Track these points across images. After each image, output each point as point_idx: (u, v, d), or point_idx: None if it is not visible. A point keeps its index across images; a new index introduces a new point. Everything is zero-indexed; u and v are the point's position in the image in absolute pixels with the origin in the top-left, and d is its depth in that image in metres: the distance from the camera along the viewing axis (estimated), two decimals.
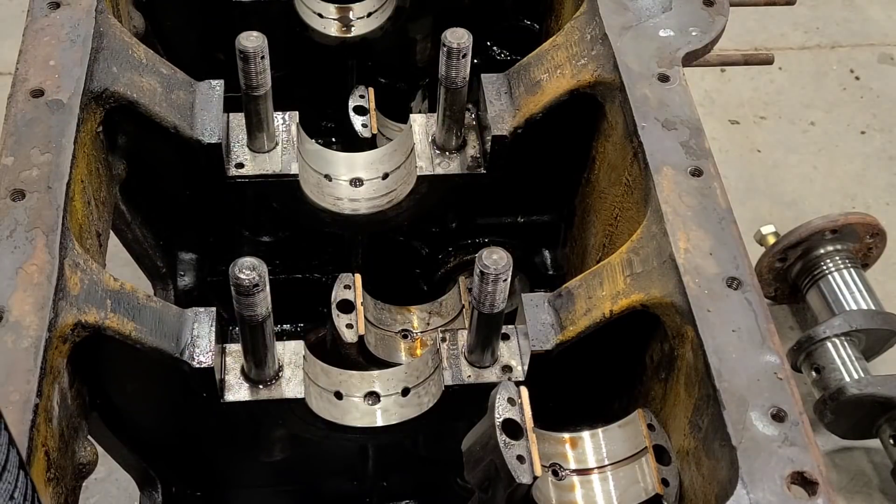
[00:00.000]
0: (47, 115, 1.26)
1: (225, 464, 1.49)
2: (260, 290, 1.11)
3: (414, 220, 1.50)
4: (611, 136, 1.41)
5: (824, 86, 3.30)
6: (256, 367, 1.23)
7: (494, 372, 1.28)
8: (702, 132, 1.30)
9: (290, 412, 1.26)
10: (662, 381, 1.24)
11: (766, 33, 3.41)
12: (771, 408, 1.05)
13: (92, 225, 1.32)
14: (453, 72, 1.37)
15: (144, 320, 1.17)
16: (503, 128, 1.43)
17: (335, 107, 1.79)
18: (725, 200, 1.23)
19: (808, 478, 1.00)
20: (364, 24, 1.73)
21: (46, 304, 1.08)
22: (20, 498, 0.84)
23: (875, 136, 3.17)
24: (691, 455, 1.14)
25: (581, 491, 1.18)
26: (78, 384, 1.18)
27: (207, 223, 1.56)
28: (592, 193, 1.52)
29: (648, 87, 1.34)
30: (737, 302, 1.13)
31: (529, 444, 1.07)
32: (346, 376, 1.33)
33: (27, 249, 1.12)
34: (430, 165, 1.47)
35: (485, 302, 1.18)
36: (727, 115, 3.20)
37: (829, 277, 2.49)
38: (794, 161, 3.09)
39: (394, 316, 1.53)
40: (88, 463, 1.19)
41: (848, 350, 2.35)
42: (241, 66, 1.34)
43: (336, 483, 1.57)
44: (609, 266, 1.25)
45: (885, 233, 2.51)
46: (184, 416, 1.31)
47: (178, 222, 1.58)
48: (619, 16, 1.43)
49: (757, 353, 1.09)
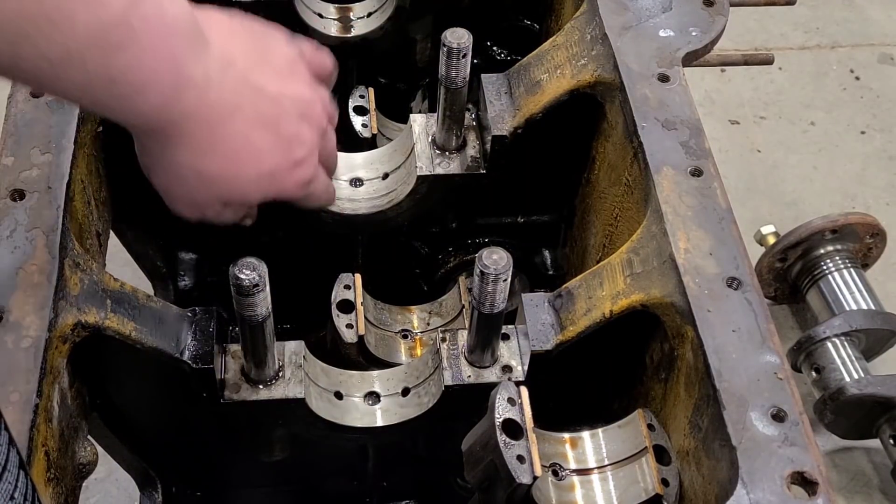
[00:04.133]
0: (47, 115, 1.26)
1: (225, 464, 1.49)
2: (260, 290, 1.11)
3: (414, 220, 1.50)
4: (611, 136, 1.41)
5: (824, 86, 3.30)
6: (256, 367, 1.23)
7: (494, 372, 1.28)
8: (702, 132, 1.30)
9: (290, 412, 1.26)
10: (662, 381, 1.24)
11: (766, 33, 3.41)
12: (771, 408, 1.05)
13: (92, 225, 1.32)
14: (453, 72, 1.37)
15: (144, 320, 1.17)
16: (503, 128, 1.43)
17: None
18: (725, 200, 1.23)
19: (808, 478, 1.00)
20: (364, 24, 1.73)
21: (46, 304, 1.08)
22: (20, 498, 0.84)
23: (875, 136, 3.17)
24: (691, 455, 1.14)
25: (581, 491, 1.18)
26: (78, 384, 1.18)
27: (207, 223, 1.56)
28: (592, 193, 1.52)
29: (648, 87, 1.34)
30: (737, 302, 1.13)
31: (529, 444, 1.07)
32: (346, 376, 1.33)
33: (27, 249, 1.13)
34: (430, 165, 1.47)
35: (485, 302, 1.18)
36: (727, 115, 3.20)
37: (829, 277, 2.49)
38: (794, 161, 3.09)
39: (394, 316, 1.53)
40: (88, 463, 1.19)
41: (848, 350, 2.35)
42: None
43: (336, 483, 1.57)
44: (609, 266, 1.25)
45: (885, 233, 2.51)
46: (184, 416, 1.31)
47: (178, 222, 1.58)
48: (619, 16, 1.43)
49: (757, 353, 1.09)
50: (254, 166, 1.11)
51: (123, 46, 0.88)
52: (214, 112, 1.03)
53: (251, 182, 1.12)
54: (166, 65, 0.94)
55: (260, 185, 1.13)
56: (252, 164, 1.10)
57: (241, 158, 1.09)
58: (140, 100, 0.94)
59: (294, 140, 1.13)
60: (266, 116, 1.09)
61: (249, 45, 1.11)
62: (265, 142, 1.10)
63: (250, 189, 1.13)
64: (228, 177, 1.10)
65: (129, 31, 0.87)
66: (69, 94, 0.94)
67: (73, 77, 0.87)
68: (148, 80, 0.93)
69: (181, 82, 0.97)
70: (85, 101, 0.96)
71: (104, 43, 0.86)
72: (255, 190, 1.14)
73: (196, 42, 0.98)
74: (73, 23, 0.83)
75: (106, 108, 0.96)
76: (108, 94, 0.91)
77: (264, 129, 1.09)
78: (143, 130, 1.04)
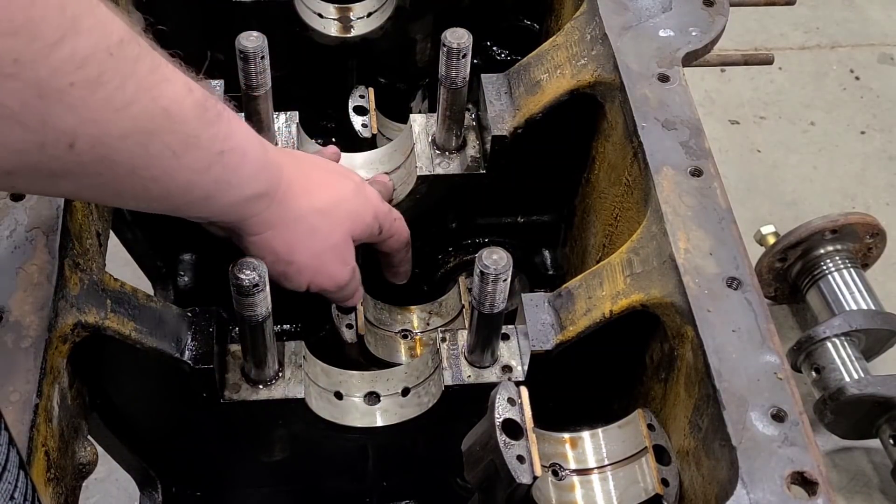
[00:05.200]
0: None
1: (225, 464, 1.49)
2: (260, 290, 1.11)
3: (414, 220, 1.50)
4: (611, 136, 1.41)
5: (824, 86, 3.30)
6: (256, 367, 1.23)
7: (494, 372, 1.28)
8: (702, 132, 1.30)
9: (290, 412, 1.26)
10: (662, 381, 1.24)
11: (766, 33, 3.41)
12: (771, 408, 1.05)
13: (92, 225, 1.32)
14: (453, 72, 1.37)
15: (144, 320, 1.17)
16: (503, 128, 1.43)
17: (335, 107, 1.78)
18: (725, 200, 1.23)
19: (808, 478, 1.00)
20: (364, 24, 1.73)
21: (46, 304, 1.08)
22: (20, 498, 0.84)
23: (875, 136, 3.17)
24: (691, 455, 1.14)
25: (581, 491, 1.18)
26: (78, 384, 1.18)
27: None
28: (592, 193, 1.52)
29: (648, 87, 1.34)
30: (737, 302, 1.13)
31: (529, 444, 1.07)
32: (346, 376, 1.33)
33: (27, 249, 1.12)
34: (429, 165, 1.47)
35: (485, 302, 1.18)
36: (727, 115, 3.20)
37: (829, 277, 2.49)
38: (794, 161, 3.09)
39: (394, 316, 1.53)
40: (88, 463, 1.19)
41: (848, 350, 2.36)
42: (241, 66, 1.34)
43: (336, 483, 1.57)
44: (609, 266, 1.25)
45: (885, 233, 2.51)
46: (184, 417, 1.31)
47: (178, 222, 1.58)
48: (619, 16, 1.43)
49: (757, 353, 1.09)
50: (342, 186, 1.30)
51: (217, 120, 1.01)
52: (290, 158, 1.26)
53: (352, 201, 1.30)
54: (248, 129, 1.11)
55: (360, 202, 1.31)
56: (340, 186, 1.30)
57: (332, 186, 1.29)
58: (247, 164, 1.08)
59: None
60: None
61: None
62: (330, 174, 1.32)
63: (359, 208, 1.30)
64: (339, 201, 1.28)
65: (215, 105, 1.01)
66: (193, 182, 1.02)
67: (194, 158, 0.99)
68: (245, 144, 1.08)
69: (262, 141, 1.14)
70: (206, 184, 1.04)
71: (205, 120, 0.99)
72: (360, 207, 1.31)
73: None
74: (183, 110, 0.95)
75: (224, 186, 1.07)
76: (221, 166, 1.04)
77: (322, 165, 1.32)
78: (261, 201, 1.15)
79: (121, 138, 0.88)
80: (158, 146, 0.92)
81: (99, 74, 0.82)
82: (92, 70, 0.82)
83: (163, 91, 0.91)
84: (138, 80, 0.88)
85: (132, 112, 0.87)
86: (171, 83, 0.93)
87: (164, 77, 0.92)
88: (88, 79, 0.82)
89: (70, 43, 0.79)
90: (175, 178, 0.98)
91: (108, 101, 0.84)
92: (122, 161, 0.90)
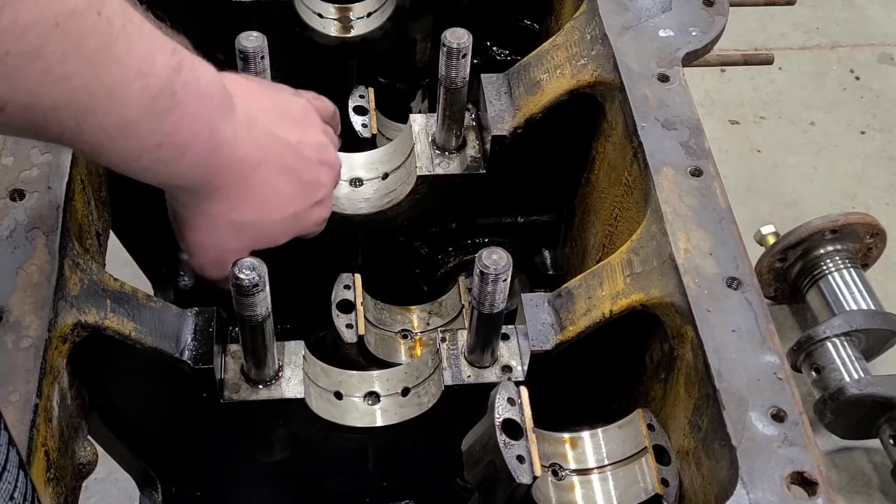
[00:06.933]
0: None
1: (225, 464, 1.49)
2: (260, 290, 1.11)
3: (414, 220, 1.50)
4: (611, 136, 1.41)
5: (824, 86, 3.31)
6: (256, 367, 1.23)
7: (494, 372, 1.28)
8: (702, 132, 1.30)
9: (290, 412, 1.26)
10: (662, 381, 1.24)
11: (766, 33, 3.41)
12: (771, 408, 1.05)
13: (92, 225, 1.32)
14: (453, 72, 1.37)
15: (144, 320, 1.17)
16: (503, 128, 1.43)
17: (335, 107, 1.79)
18: (725, 200, 1.23)
19: (808, 478, 1.00)
20: (364, 24, 1.73)
21: (46, 304, 1.08)
22: (20, 498, 0.84)
23: (875, 136, 3.17)
24: (691, 455, 1.14)
25: (581, 491, 1.18)
26: (78, 384, 1.18)
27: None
28: (592, 193, 1.52)
29: (648, 87, 1.34)
30: (737, 302, 1.13)
31: (529, 444, 1.07)
32: (346, 376, 1.33)
33: (27, 249, 1.13)
34: (429, 165, 1.47)
35: (485, 302, 1.18)
36: (727, 115, 3.21)
37: (829, 277, 2.49)
38: (794, 161, 3.09)
39: (394, 316, 1.53)
40: (88, 463, 1.19)
41: (848, 350, 2.36)
42: (241, 66, 1.34)
43: (336, 483, 1.57)
44: (609, 266, 1.25)
45: (885, 233, 2.51)
46: (184, 417, 1.31)
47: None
48: (619, 16, 1.43)
49: (757, 353, 1.09)
50: (280, 210, 1.20)
51: (168, 112, 0.96)
52: (244, 165, 1.12)
53: (278, 226, 1.22)
54: (204, 126, 1.03)
55: (285, 227, 1.23)
56: (279, 208, 1.20)
57: (269, 205, 1.18)
58: (183, 161, 1.03)
59: (314, 183, 1.24)
60: (289, 165, 1.19)
61: (267, 101, 1.20)
62: (290, 187, 1.20)
63: (277, 232, 1.23)
64: (258, 223, 1.19)
65: (173, 97, 0.96)
66: (123, 163, 1.00)
67: (128, 145, 0.95)
68: (189, 142, 1.02)
69: (216, 141, 1.06)
70: (134, 168, 1.01)
71: (153, 110, 0.94)
72: (281, 233, 1.23)
73: (225, 104, 1.07)
74: (127, 94, 0.91)
75: (152, 173, 1.03)
76: (155, 158, 0.99)
77: (288, 177, 1.19)
78: (182, 189, 1.11)
79: (54, 110, 0.86)
80: (92, 124, 0.90)
81: (39, 46, 0.80)
82: (31, 41, 0.79)
83: (110, 71, 0.88)
84: (83, 55, 0.85)
85: (70, 86, 0.85)
86: (122, 65, 0.89)
87: (115, 57, 0.88)
88: (27, 50, 0.79)
89: (9, 11, 0.77)
90: (103, 153, 0.96)
91: (45, 74, 0.82)
92: (52, 129, 0.88)
